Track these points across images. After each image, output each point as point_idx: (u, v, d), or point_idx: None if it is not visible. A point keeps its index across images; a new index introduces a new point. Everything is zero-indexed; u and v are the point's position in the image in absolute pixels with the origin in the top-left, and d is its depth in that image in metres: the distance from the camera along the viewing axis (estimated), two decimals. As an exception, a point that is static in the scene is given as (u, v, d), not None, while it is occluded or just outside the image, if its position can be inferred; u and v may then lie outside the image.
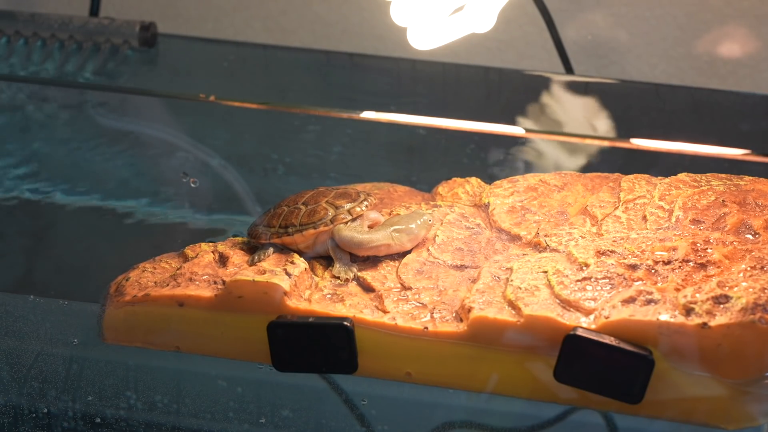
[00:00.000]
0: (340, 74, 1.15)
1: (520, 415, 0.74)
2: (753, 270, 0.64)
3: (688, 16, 1.22)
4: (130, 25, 1.13)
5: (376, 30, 1.27)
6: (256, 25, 1.31)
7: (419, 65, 1.13)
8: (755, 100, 1.12)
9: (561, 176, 0.78)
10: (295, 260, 0.71)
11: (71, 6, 1.27)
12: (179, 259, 0.75)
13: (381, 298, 0.69)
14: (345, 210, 0.72)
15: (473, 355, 0.66)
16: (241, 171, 0.98)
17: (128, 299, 0.71)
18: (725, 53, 1.23)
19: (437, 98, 1.11)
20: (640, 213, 0.72)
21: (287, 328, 0.67)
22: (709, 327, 0.62)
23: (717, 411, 0.64)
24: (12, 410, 0.75)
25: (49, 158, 1.04)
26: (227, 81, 1.14)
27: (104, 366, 0.77)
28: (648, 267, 0.66)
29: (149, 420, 0.75)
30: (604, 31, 1.24)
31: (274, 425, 0.74)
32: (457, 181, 0.81)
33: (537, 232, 0.73)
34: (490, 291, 0.68)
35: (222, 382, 0.76)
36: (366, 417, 0.74)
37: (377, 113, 0.91)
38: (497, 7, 0.97)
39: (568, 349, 0.63)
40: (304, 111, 1.02)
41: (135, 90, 1.07)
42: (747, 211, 0.70)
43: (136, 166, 1.03)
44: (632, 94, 1.12)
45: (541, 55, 1.24)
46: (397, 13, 0.97)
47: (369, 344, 0.67)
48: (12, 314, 0.78)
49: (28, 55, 1.12)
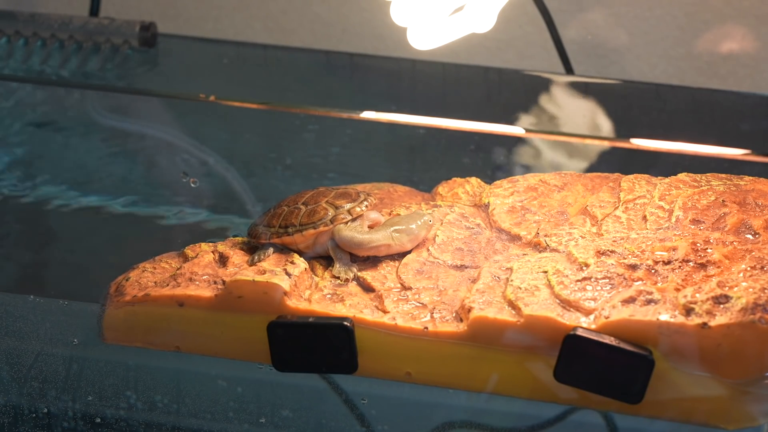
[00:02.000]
0: (340, 74, 1.15)
1: (520, 415, 0.74)
2: (753, 270, 0.64)
3: (688, 16, 1.22)
4: (130, 25, 1.13)
5: (376, 30, 1.27)
6: (256, 25, 1.31)
7: (419, 65, 1.13)
8: (755, 100, 1.12)
9: (561, 176, 0.78)
10: (295, 260, 0.71)
11: (71, 6, 1.27)
12: (179, 259, 0.75)
13: (381, 298, 0.69)
14: (345, 210, 0.72)
15: (473, 355, 0.66)
16: (241, 171, 0.98)
17: (128, 299, 0.71)
18: (725, 53, 1.23)
19: (437, 98, 1.11)
20: (640, 213, 0.72)
21: (287, 328, 0.67)
22: (709, 327, 0.62)
23: (717, 411, 0.64)
24: (12, 410, 0.75)
25: (49, 158, 1.04)
26: (227, 81, 1.14)
27: (104, 366, 0.76)
28: (648, 267, 0.66)
29: (149, 420, 0.75)
30: (604, 31, 1.24)
31: (274, 425, 0.74)
32: (457, 181, 0.81)
33: (537, 232, 0.73)
34: (490, 291, 0.67)
35: (222, 382, 0.76)
36: (366, 417, 0.74)
37: (377, 113, 0.91)
38: (497, 7, 0.97)
39: (568, 349, 0.63)
40: (304, 111, 1.02)
41: (135, 90, 1.07)
42: (747, 211, 0.70)
43: (136, 166, 1.03)
44: (632, 94, 1.12)
45: (541, 55, 1.24)
46: (397, 13, 0.97)
47: (369, 344, 0.67)
48: (12, 314, 0.77)
49: (28, 55, 1.12)
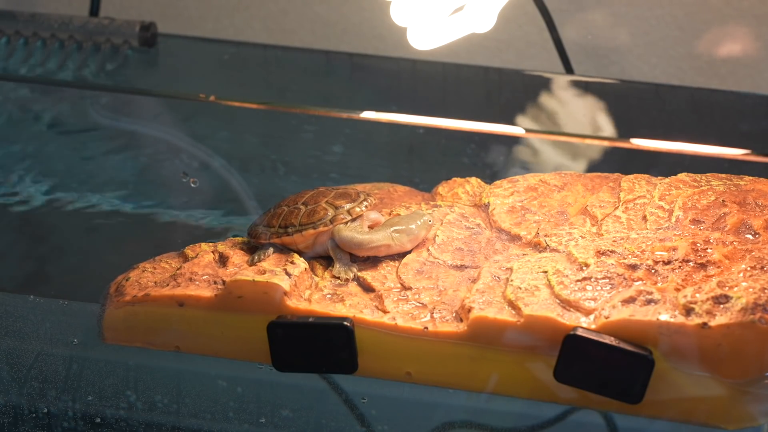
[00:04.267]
0: (340, 74, 1.15)
1: (520, 415, 0.74)
2: (753, 270, 0.64)
3: (688, 16, 1.22)
4: (130, 25, 1.13)
5: (376, 30, 1.27)
6: (256, 25, 1.31)
7: (419, 65, 1.13)
8: (755, 100, 1.12)
9: (561, 176, 0.78)
10: (295, 260, 0.71)
11: (71, 6, 1.27)
12: (179, 259, 0.75)
13: (381, 298, 0.69)
14: (344, 210, 0.72)
15: (473, 355, 0.66)
16: (241, 171, 0.98)
17: (128, 299, 0.71)
18: (725, 53, 1.23)
19: (437, 98, 1.11)
20: (640, 213, 0.72)
21: (287, 328, 0.67)
22: (709, 327, 0.62)
23: (717, 411, 0.64)
24: (12, 410, 0.75)
25: (49, 158, 1.04)
26: (227, 81, 1.14)
27: (104, 366, 0.76)
28: (648, 267, 0.66)
29: (149, 420, 0.75)
30: (604, 31, 1.24)
31: (274, 425, 0.74)
32: (457, 181, 0.81)
33: (537, 232, 0.73)
34: (490, 291, 0.67)
35: (222, 382, 0.76)
36: (366, 417, 0.74)
37: (377, 113, 0.91)
38: (497, 7, 0.97)
39: (568, 349, 0.63)
40: (304, 111, 1.02)
41: (135, 90, 1.07)
42: (747, 211, 0.70)
43: (135, 166, 1.03)
44: (632, 94, 1.12)
45: (541, 55, 1.24)
46: (397, 13, 0.97)
47: (369, 344, 0.67)
48: (12, 314, 0.77)
49: (28, 55, 1.12)
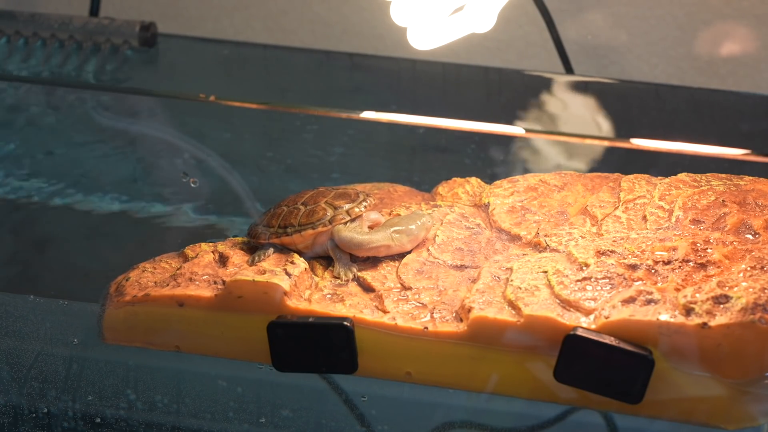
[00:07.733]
0: (340, 74, 1.15)
1: (520, 415, 0.74)
2: (753, 270, 0.64)
3: (688, 16, 1.22)
4: (130, 25, 1.13)
5: (376, 30, 1.27)
6: (256, 25, 1.31)
7: (419, 65, 1.13)
8: (755, 100, 1.12)
9: (561, 176, 0.78)
10: (295, 260, 0.71)
11: (71, 6, 1.27)
12: (179, 259, 0.75)
13: (381, 298, 0.69)
14: (344, 210, 0.72)
15: (473, 355, 0.66)
16: (241, 171, 0.98)
17: (128, 299, 0.71)
18: (725, 53, 1.23)
19: (437, 98, 1.11)
20: (640, 213, 0.72)
21: (287, 328, 0.67)
22: (709, 327, 0.62)
23: (717, 411, 0.64)
24: (12, 410, 0.75)
25: (49, 158, 1.04)
26: (227, 81, 1.14)
27: (104, 366, 0.76)
28: (648, 267, 0.66)
29: (149, 420, 0.75)
30: (604, 31, 1.24)
31: (274, 425, 0.74)
32: (457, 181, 0.81)
33: (537, 232, 0.73)
34: (490, 291, 0.67)
35: (222, 382, 0.76)
36: (366, 417, 0.74)
37: (377, 113, 0.91)
38: (497, 7, 0.97)
39: (568, 349, 0.63)
40: (304, 111, 1.02)
41: (135, 90, 1.07)
42: (747, 211, 0.70)
43: (135, 166, 1.03)
44: (632, 94, 1.12)
45: (541, 55, 1.24)
46: (397, 13, 0.97)
47: (369, 344, 0.67)
48: (12, 314, 0.77)
49: (28, 55, 1.12)
